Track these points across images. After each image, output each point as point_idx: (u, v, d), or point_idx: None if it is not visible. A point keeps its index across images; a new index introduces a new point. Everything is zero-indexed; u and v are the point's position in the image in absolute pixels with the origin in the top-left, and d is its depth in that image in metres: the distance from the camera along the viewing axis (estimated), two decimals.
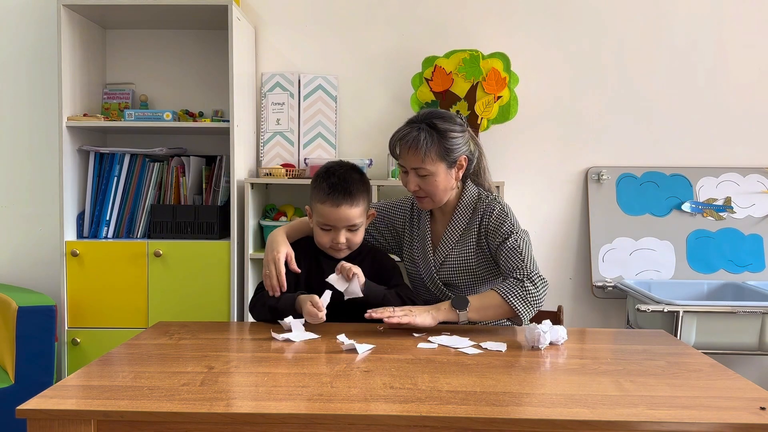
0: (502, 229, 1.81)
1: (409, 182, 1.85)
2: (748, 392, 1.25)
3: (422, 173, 1.81)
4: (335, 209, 1.76)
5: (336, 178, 1.77)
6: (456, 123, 1.84)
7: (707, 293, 2.72)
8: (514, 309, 1.69)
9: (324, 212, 1.77)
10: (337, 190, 1.75)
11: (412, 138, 1.80)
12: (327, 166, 1.85)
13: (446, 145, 1.80)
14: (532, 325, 1.57)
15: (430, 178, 1.81)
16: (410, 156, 1.82)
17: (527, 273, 1.73)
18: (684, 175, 2.85)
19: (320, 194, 1.78)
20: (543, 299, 1.73)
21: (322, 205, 1.77)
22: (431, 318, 1.67)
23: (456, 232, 1.88)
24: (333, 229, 1.79)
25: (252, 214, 2.67)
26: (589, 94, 2.87)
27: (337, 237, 1.79)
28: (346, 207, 1.76)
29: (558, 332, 1.58)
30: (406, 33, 2.87)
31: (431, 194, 1.84)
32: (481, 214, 1.86)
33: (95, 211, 2.67)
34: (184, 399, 1.16)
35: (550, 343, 1.57)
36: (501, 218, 1.83)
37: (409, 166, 1.83)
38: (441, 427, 1.10)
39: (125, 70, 2.91)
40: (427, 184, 1.82)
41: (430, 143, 1.79)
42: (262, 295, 1.81)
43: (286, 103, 2.81)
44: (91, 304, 2.56)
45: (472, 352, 1.49)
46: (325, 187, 1.77)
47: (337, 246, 1.81)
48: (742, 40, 2.85)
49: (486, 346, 1.54)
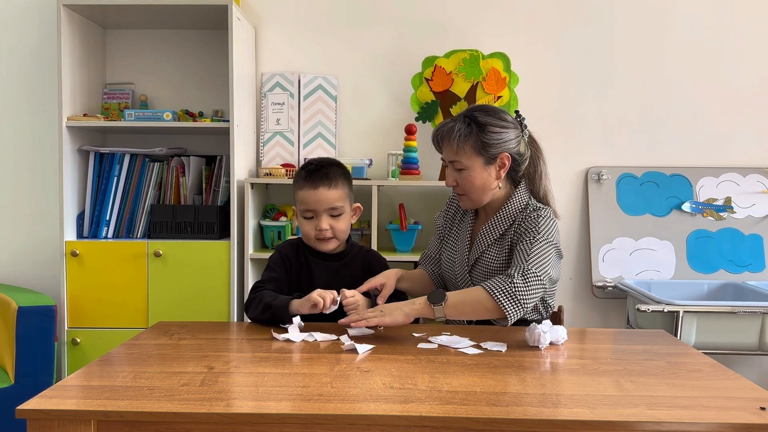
0: (526, 233, 1.72)
1: (447, 176, 1.83)
2: (748, 392, 1.25)
3: (458, 167, 1.78)
4: (313, 191, 1.78)
5: (314, 165, 1.83)
6: (501, 118, 1.77)
7: (707, 293, 2.72)
8: (498, 304, 1.60)
9: (303, 197, 1.80)
10: (315, 173, 1.80)
11: (448, 128, 1.78)
12: (305, 161, 1.91)
13: (484, 139, 1.74)
14: (532, 325, 1.56)
15: (465, 172, 1.77)
16: (446, 147, 1.80)
17: (523, 270, 1.65)
18: (684, 175, 2.85)
19: (299, 181, 1.82)
20: (532, 299, 1.64)
21: (301, 190, 1.80)
22: (403, 315, 1.60)
23: (492, 234, 1.80)
24: (315, 215, 1.79)
25: (252, 214, 2.67)
26: (589, 94, 2.87)
27: (320, 223, 1.79)
28: (324, 189, 1.78)
29: (558, 332, 1.58)
30: (406, 33, 2.87)
31: (468, 191, 1.80)
32: (520, 221, 1.77)
33: (95, 211, 2.67)
34: (184, 399, 1.16)
35: (550, 343, 1.57)
36: (529, 221, 1.74)
37: (446, 158, 1.82)
38: (441, 427, 1.10)
39: (125, 70, 2.91)
40: (463, 179, 1.78)
41: (465, 135, 1.74)
42: (258, 295, 1.78)
43: (286, 103, 2.81)
44: (91, 304, 2.56)
45: (472, 352, 1.49)
46: (303, 173, 1.82)
47: (321, 234, 1.79)
48: (742, 39, 2.85)
49: (486, 346, 1.54)
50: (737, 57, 2.85)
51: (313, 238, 1.82)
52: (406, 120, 2.76)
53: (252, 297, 1.80)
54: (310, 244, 1.85)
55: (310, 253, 1.87)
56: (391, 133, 2.87)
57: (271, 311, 1.69)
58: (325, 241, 1.82)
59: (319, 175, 1.79)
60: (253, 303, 1.77)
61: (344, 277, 1.85)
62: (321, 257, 1.86)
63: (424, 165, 2.74)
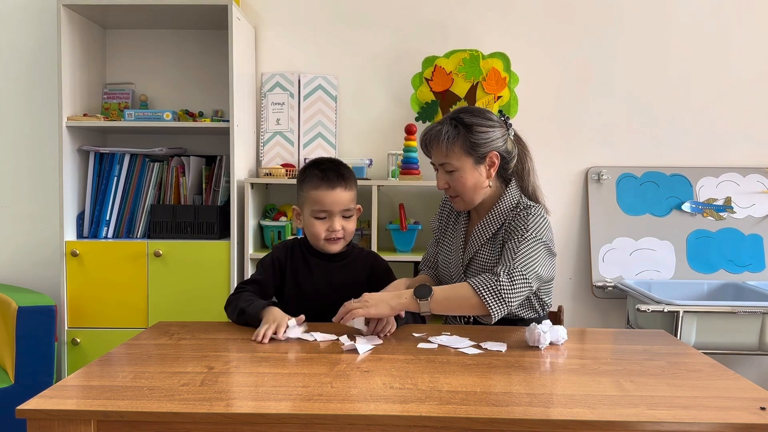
0: (515, 231, 1.74)
1: (438, 179, 1.84)
2: (748, 392, 1.25)
3: (448, 168, 1.79)
4: (331, 192, 1.75)
5: (326, 165, 1.80)
6: (486, 118, 1.79)
7: (707, 293, 2.72)
8: (482, 301, 1.61)
9: (319, 197, 1.76)
10: (331, 174, 1.77)
11: (435, 131, 1.79)
12: (312, 160, 1.87)
13: (472, 140, 1.76)
14: (532, 325, 1.56)
15: (456, 174, 1.78)
16: (435, 150, 1.81)
17: (509, 269, 1.65)
18: (684, 175, 2.85)
19: (313, 180, 1.77)
20: (516, 299, 1.64)
21: (317, 190, 1.76)
22: (389, 308, 1.59)
23: (485, 233, 1.81)
24: (328, 216, 1.77)
25: (252, 214, 2.67)
26: (589, 94, 2.87)
27: (333, 224, 1.77)
28: (341, 189, 1.76)
29: (558, 332, 1.58)
30: (406, 33, 2.87)
31: (460, 192, 1.81)
32: (512, 218, 1.78)
33: (95, 211, 2.67)
34: (184, 399, 1.16)
35: (550, 343, 1.57)
36: (518, 220, 1.75)
37: (436, 161, 1.82)
38: (441, 427, 1.10)
39: (125, 70, 2.91)
40: (455, 180, 1.79)
41: (453, 136, 1.76)
42: (237, 296, 1.76)
43: (286, 103, 2.81)
44: (91, 304, 2.56)
45: (472, 352, 1.49)
46: (317, 173, 1.78)
47: (333, 234, 1.78)
48: (742, 39, 2.85)
49: (486, 346, 1.54)
50: (737, 57, 2.85)
51: (322, 239, 1.79)
52: (406, 120, 2.76)
53: (231, 298, 1.78)
54: (318, 245, 1.82)
55: (311, 253, 1.86)
56: (391, 133, 2.87)
57: (245, 318, 1.70)
58: (335, 242, 1.80)
59: (335, 175, 1.77)
60: (231, 304, 1.76)
61: (346, 277, 1.85)
62: (322, 257, 1.85)
63: (424, 165, 2.73)
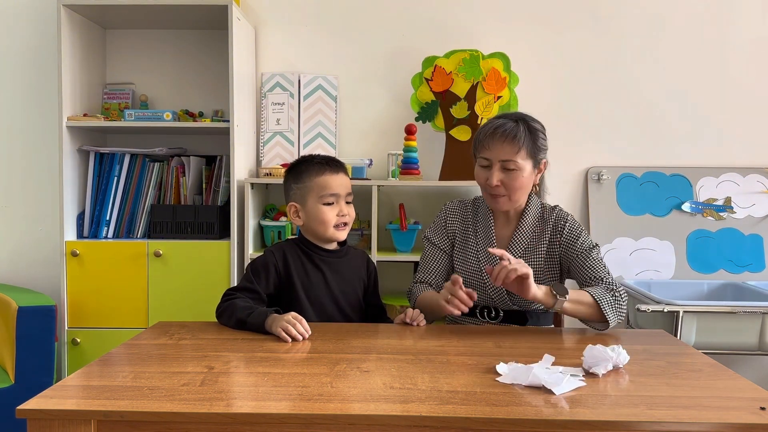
0: (585, 242, 1.84)
1: (491, 176, 1.80)
2: (748, 392, 1.25)
3: (510, 166, 1.79)
4: (336, 175, 1.80)
5: (319, 156, 1.85)
6: (543, 127, 1.87)
7: (707, 293, 2.71)
8: (605, 314, 1.69)
9: (327, 182, 1.79)
10: (330, 160, 1.83)
11: (510, 128, 1.79)
12: (301, 157, 1.90)
13: (537, 144, 1.82)
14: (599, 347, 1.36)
15: (516, 173, 1.79)
16: (505, 147, 1.78)
17: (615, 286, 1.76)
18: (684, 175, 2.85)
19: (315, 168, 1.81)
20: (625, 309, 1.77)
21: (322, 175, 1.79)
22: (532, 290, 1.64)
23: (525, 238, 1.87)
24: (336, 200, 1.80)
25: (252, 214, 2.67)
26: (589, 94, 2.87)
27: (342, 208, 1.81)
28: (343, 174, 1.83)
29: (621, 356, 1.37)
30: (406, 33, 2.87)
31: (511, 191, 1.81)
32: (553, 225, 1.87)
33: (95, 211, 2.67)
34: (184, 399, 1.16)
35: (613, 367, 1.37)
36: (579, 230, 1.86)
37: (498, 158, 1.79)
38: (441, 427, 1.10)
39: (125, 70, 2.91)
40: (511, 179, 1.80)
41: (526, 137, 1.80)
42: (231, 304, 1.71)
43: (286, 103, 2.81)
44: (91, 304, 2.56)
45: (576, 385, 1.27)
46: (316, 162, 1.82)
47: (343, 219, 1.81)
48: (742, 39, 2.85)
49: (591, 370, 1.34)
50: (737, 57, 2.85)
51: (333, 224, 1.80)
52: (406, 120, 2.76)
53: (224, 307, 1.73)
54: (327, 234, 1.80)
55: (311, 250, 1.85)
56: (391, 133, 2.87)
57: (246, 328, 1.66)
58: (344, 228, 1.82)
59: (334, 161, 1.83)
60: (225, 313, 1.72)
61: (348, 271, 1.86)
62: (324, 253, 1.85)
63: (424, 165, 2.74)
